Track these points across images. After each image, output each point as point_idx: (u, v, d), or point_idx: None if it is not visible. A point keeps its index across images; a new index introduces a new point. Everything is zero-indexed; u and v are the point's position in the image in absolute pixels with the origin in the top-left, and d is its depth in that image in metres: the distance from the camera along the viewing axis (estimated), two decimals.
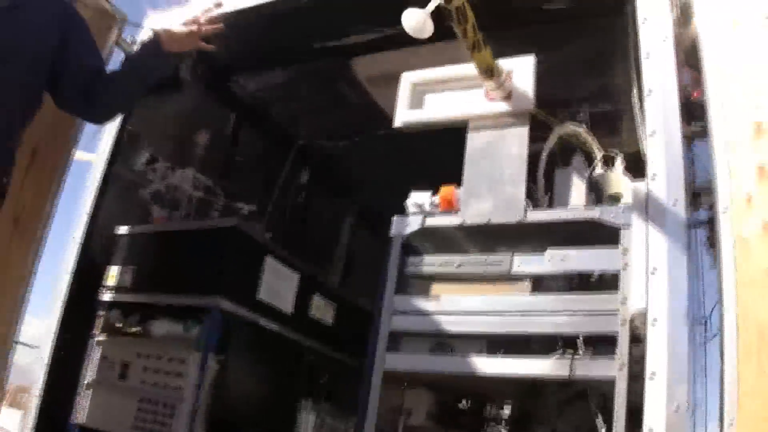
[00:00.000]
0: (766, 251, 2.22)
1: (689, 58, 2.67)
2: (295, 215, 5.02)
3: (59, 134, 3.40)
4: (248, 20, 3.65)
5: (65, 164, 3.48)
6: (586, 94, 3.60)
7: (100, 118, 3.21)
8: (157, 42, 2.91)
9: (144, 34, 3.74)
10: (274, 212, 4.41)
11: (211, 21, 2.98)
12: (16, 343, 3.39)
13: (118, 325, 3.48)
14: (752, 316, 2.18)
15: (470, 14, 2.61)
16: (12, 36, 2.68)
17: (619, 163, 2.88)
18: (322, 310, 3.85)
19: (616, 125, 3.54)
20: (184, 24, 2.93)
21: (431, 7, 2.53)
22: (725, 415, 2.13)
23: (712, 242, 2.43)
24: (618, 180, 2.83)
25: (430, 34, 2.58)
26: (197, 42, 2.96)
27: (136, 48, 3.04)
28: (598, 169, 2.94)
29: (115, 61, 3.62)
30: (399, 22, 2.50)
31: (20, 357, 3.53)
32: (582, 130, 3.00)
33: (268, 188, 4.57)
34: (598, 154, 2.96)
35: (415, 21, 2.56)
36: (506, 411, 2.93)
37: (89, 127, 3.59)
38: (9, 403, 3.43)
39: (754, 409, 2.10)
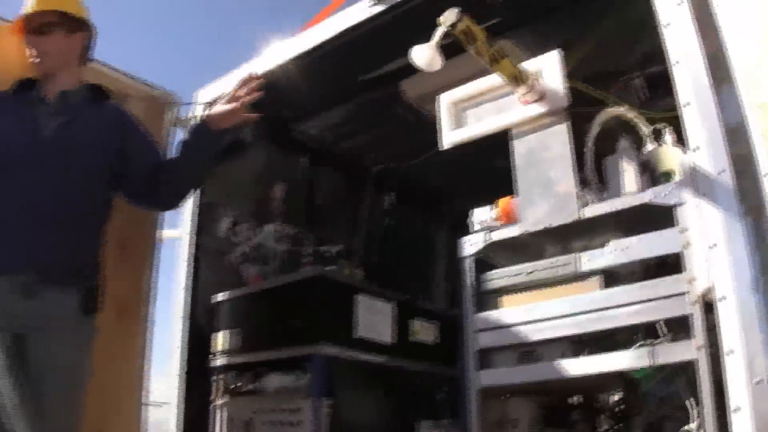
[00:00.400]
0: None
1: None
2: (387, 242, 5.14)
3: (141, 222, 3.62)
4: (291, 71, 3.83)
5: (153, 248, 3.70)
6: (638, 58, 3.57)
7: (170, 206, 3.41)
8: (204, 125, 3.08)
9: (197, 110, 3.97)
10: (364, 245, 4.53)
11: (250, 91, 3.11)
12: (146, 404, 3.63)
13: (234, 387, 3.71)
14: None
15: (477, 32, 2.66)
16: (76, 144, 2.92)
17: (669, 136, 2.86)
18: (423, 331, 3.95)
19: None
20: (226, 102, 3.08)
21: (436, 39, 2.61)
22: None
23: None
24: (669, 154, 2.80)
25: (441, 65, 2.67)
26: (241, 115, 3.09)
27: (187, 133, 3.20)
28: (649, 146, 2.92)
29: (176, 139, 3.90)
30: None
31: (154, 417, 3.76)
32: (624, 110, 2.98)
33: (353, 223, 4.70)
34: (646, 131, 2.94)
35: (424, 57, 2.66)
36: (606, 403, 3.00)
37: None
38: None
39: None
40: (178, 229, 4.15)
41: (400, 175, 4.86)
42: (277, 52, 3.90)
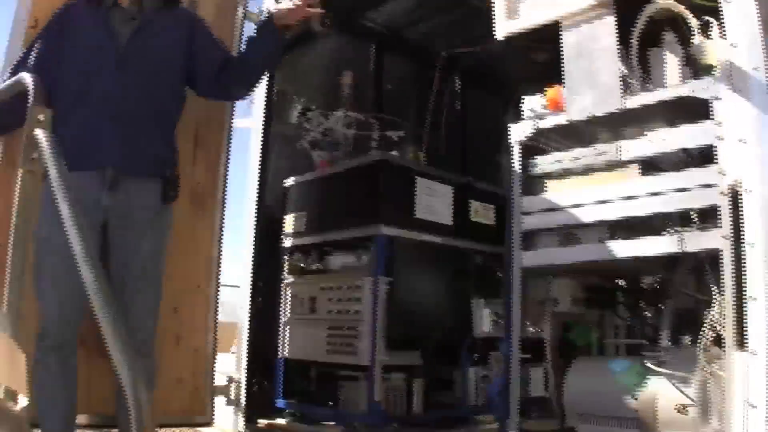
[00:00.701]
0: None
1: None
2: (454, 126, 5.25)
3: (214, 113, 3.82)
4: None
5: (226, 136, 3.91)
6: None
7: (239, 96, 3.61)
8: (269, 21, 3.25)
9: (266, 3, 4.11)
10: (431, 129, 4.65)
11: None
12: (221, 286, 3.92)
13: (301, 266, 3.99)
14: None
15: None
16: (150, 48, 3.13)
17: (716, 30, 2.85)
18: (481, 213, 4.12)
19: None
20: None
21: None
22: None
23: None
24: (713, 48, 2.80)
25: None
26: (304, 12, 3.22)
27: (254, 29, 3.38)
28: (696, 39, 2.93)
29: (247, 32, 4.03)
30: None
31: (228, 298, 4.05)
32: (673, 3, 2.97)
33: (422, 107, 4.81)
34: (694, 23, 2.94)
35: None
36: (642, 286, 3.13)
37: None
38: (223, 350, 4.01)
39: None
40: (250, 118, 4.35)
41: (468, 60, 4.90)
42: None
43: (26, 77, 2.01)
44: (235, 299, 4.41)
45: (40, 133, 1.85)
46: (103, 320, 1.40)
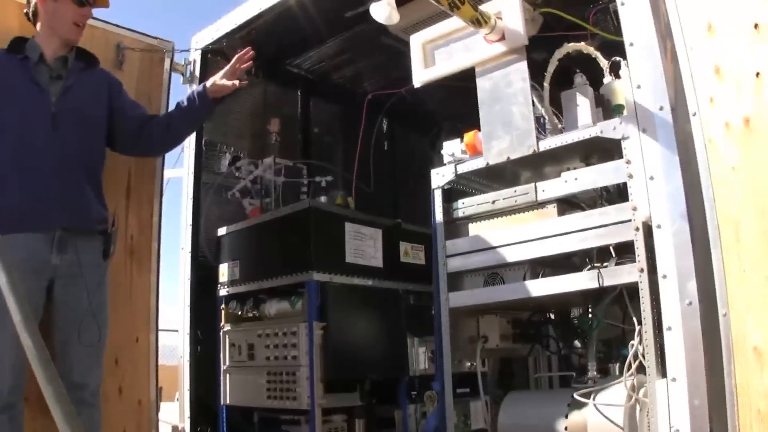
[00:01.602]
0: (729, 151, 2.37)
1: None
2: (384, 165, 5.35)
3: (144, 163, 3.90)
4: (281, 11, 4.03)
5: (157, 187, 4.00)
6: None
7: (161, 153, 3.75)
8: (203, 93, 3.41)
9: (192, 55, 4.21)
10: (359, 172, 4.71)
11: (244, 62, 3.45)
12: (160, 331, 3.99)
13: (237, 313, 4.03)
14: (725, 212, 2.35)
15: None
16: (79, 107, 3.20)
17: (625, 70, 2.98)
18: (411, 254, 4.20)
19: None
20: (225, 75, 3.42)
21: None
22: (719, 308, 2.33)
23: None
24: (621, 89, 2.93)
25: (398, 19, 2.83)
26: (237, 85, 3.44)
27: (186, 97, 3.48)
28: (606, 79, 3.07)
29: (173, 84, 4.19)
30: None
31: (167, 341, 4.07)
32: (582, 45, 3.10)
33: (350, 150, 4.87)
34: (603, 64, 3.08)
35: (383, 14, 2.84)
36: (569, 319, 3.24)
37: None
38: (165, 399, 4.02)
39: (742, 300, 2.30)
40: (180, 169, 4.40)
41: (393, 101, 4.99)
42: None
43: None
44: (174, 342, 4.42)
45: None
46: (42, 383, 1.44)
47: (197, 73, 4.25)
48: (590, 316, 3.10)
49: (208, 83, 3.41)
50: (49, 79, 3.19)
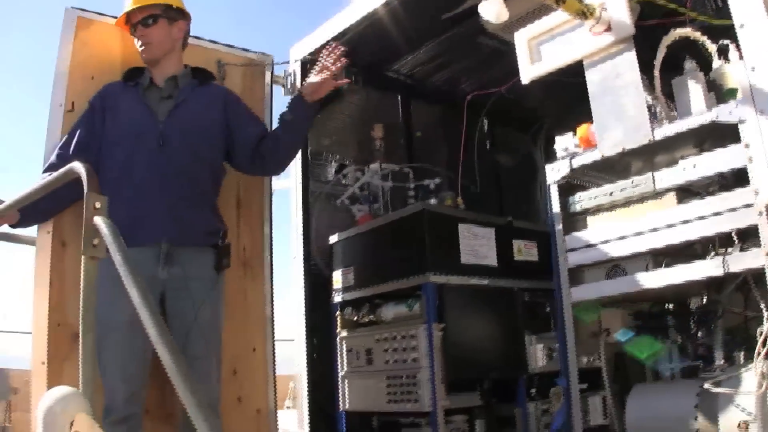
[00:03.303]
0: None
1: None
2: (486, 167, 5.33)
3: (254, 179, 3.97)
4: (378, 17, 4.05)
5: (267, 198, 4.08)
6: None
7: (276, 172, 3.79)
8: (299, 97, 3.43)
9: (291, 67, 4.31)
10: (464, 172, 4.72)
11: (336, 59, 3.41)
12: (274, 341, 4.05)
13: (353, 319, 4.08)
14: None
15: None
16: (188, 125, 3.30)
17: (734, 53, 2.92)
18: (524, 251, 4.19)
19: None
20: (316, 73, 3.40)
21: None
22: None
23: None
24: (733, 72, 2.88)
25: (507, 17, 2.83)
26: (332, 83, 3.42)
27: (286, 107, 3.52)
28: (715, 63, 3.01)
29: (275, 96, 4.26)
30: None
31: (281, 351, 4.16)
32: (689, 30, 3.05)
33: (453, 151, 4.89)
34: (711, 49, 3.02)
35: (493, 12, 2.85)
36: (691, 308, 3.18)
37: None
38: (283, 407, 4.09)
39: None
40: (288, 179, 4.48)
41: (493, 100, 5.00)
42: (364, 2, 4.09)
43: (78, 167, 2.11)
44: (287, 352, 4.51)
45: (100, 222, 1.94)
46: (183, 396, 1.48)
47: (298, 84, 4.29)
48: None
49: (301, 87, 3.45)
50: (159, 100, 3.33)
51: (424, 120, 5.30)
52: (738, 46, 2.71)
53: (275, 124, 3.70)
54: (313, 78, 3.40)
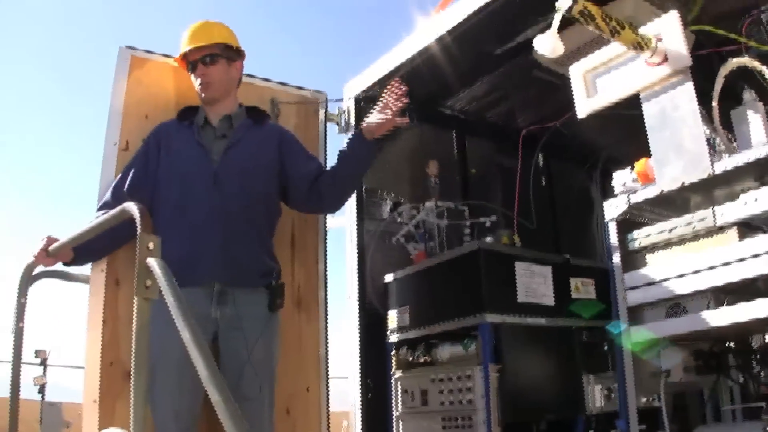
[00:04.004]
0: None
1: None
2: (542, 203, 5.25)
3: (309, 217, 3.96)
4: (431, 54, 4.06)
5: (322, 236, 4.06)
6: None
7: (333, 209, 3.77)
8: (360, 135, 3.37)
9: (345, 104, 4.33)
10: (520, 209, 4.67)
11: (398, 97, 3.34)
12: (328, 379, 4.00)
13: (408, 359, 4.02)
14: None
15: (594, 10, 2.75)
16: (243, 165, 3.31)
17: None
18: (581, 289, 4.09)
19: None
20: (378, 112, 3.34)
21: (555, 26, 2.74)
22: None
23: None
24: None
25: (563, 51, 2.79)
26: (393, 122, 3.34)
27: (345, 144, 3.48)
28: None
29: (329, 134, 4.27)
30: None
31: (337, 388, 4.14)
32: (747, 59, 2.97)
33: (508, 187, 4.84)
34: None
35: (548, 46, 2.80)
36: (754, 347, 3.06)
37: None
38: None
39: None
40: (342, 217, 4.47)
41: (549, 135, 4.94)
42: (416, 38, 4.11)
43: (131, 207, 2.13)
44: (341, 388, 4.48)
45: (153, 262, 1.95)
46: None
47: (352, 121, 4.30)
48: None
49: (362, 125, 3.39)
50: (213, 140, 3.35)
51: (479, 156, 5.26)
52: None
53: (329, 163, 3.70)
54: (375, 116, 3.34)
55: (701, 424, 3.22)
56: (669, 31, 3.01)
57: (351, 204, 4.35)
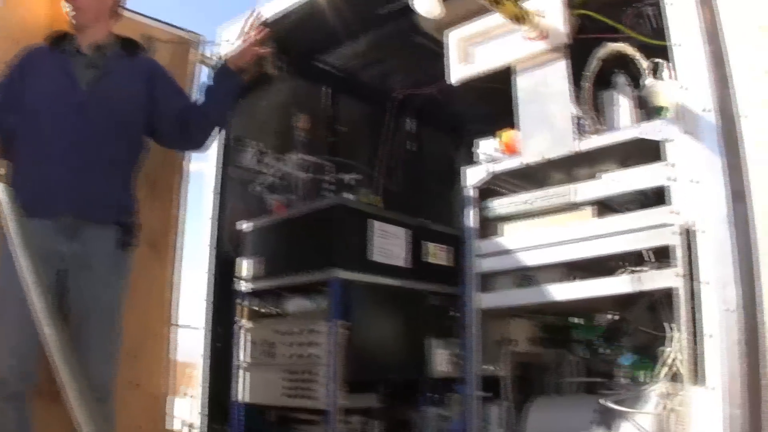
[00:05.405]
0: None
1: None
2: (408, 167, 5.30)
3: (169, 156, 3.85)
4: (311, 5, 3.96)
5: (181, 182, 3.96)
6: None
7: (199, 146, 3.62)
8: (224, 67, 3.34)
9: (220, 48, 4.17)
10: (385, 171, 4.67)
11: (258, 29, 3.37)
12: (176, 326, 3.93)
13: (258, 310, 3.97)
14: None
15: None
16: (111, 95, 3.16)
17: (666, 71, 2.92)
18: (437, 255, 4.13)
19: None
20: (239, 42, 3.31)
21: None
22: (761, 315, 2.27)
23: None
24: (664, 90, 2.87)
25: (440, 12, 2.77)
26: (255, 50, 3.35)
27: (210, 77, 3.43)
28: (647, 81, 3.00)
29: (203, 76, 4.12)
30: None
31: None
32: (623, 45, 3.04)
33: (376, 149, 4.83)
34: (645, 65, 3.01)
35: (426, 5, 2.78)
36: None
37: None
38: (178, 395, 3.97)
39: None
40: (205, 162, 4.35)
41: (421, 101, 4.95)
42: None
43: None
44: (187, 339, 4.38)
45: None
46: (63, 374, 1.39)
47: None
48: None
49: (225, 56, 3.38)
50: (83, 69, 3.17)
51: (350, 115, 5.21)
52: (671, 66, 2.72)
53: None
54: (236, 47, 3.35)
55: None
56: (551, 8, 3.06)
57: (214, 149, 4.25)
